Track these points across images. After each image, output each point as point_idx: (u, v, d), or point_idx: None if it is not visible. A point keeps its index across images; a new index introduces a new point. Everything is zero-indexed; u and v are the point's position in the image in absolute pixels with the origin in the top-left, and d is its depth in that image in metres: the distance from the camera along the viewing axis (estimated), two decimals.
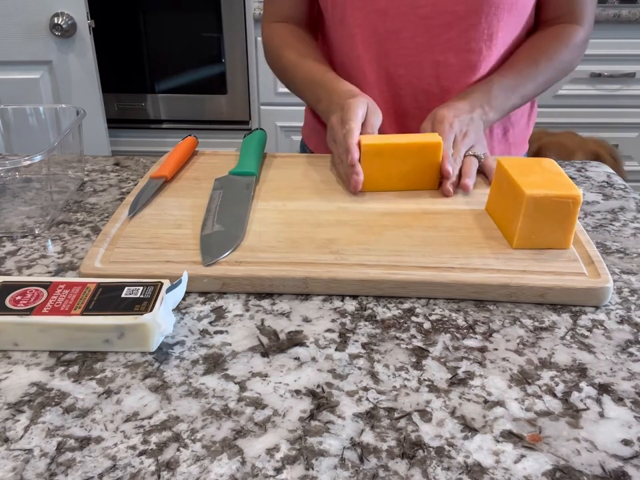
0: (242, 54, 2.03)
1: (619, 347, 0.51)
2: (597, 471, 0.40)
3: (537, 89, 0.86)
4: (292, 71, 0.88)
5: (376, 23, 0.83)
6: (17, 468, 0.39)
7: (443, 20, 0.81)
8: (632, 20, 1.88)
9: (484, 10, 0.80)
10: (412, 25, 0.82)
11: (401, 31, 0.82)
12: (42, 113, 0.85)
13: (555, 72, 0.86)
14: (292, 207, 0.69)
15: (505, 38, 0.84)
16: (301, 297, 0.57)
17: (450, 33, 0.82)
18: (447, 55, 0.83)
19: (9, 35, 1.72)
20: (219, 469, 0.39)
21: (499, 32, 0.82)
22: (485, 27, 0.81)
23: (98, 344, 0.49)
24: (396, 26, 0.82)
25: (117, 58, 2.06)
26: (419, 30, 0.82)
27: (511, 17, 0.82)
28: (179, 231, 0.63)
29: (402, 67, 0.85)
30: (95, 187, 0.80)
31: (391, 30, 0.83)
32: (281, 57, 0.90)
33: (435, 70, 0.84)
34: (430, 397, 0.45)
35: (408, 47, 0.83)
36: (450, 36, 0.82)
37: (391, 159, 0.71)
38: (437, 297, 0.57)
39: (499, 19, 0.81)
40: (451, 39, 0.82)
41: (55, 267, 0.61)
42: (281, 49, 0.90)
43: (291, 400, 0.45)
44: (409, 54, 0.84)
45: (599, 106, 2.03)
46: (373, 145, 0.70)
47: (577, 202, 0.58)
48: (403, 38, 0.83)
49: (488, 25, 0.81)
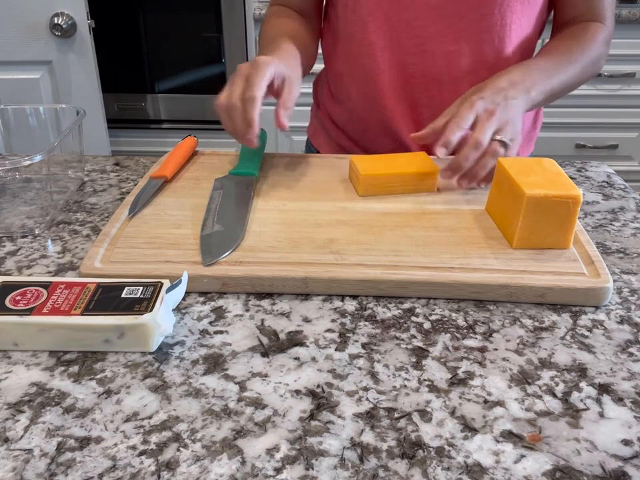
0: (242, 54, 2.03)
1: (619, 346, 0.51)
2: (596, 471, 0.40)
3: (574, 77, 0.82)
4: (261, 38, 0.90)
5: (389, 12, 0.83)
6: (17, 468, 0.39)
7: (455, 9, 0.81)
8: (632, 20, 1.88)
9: (497, 0, 0.80)
10: (424, 14, 0.82)
11: (414, 19, 0.83)
12: (42, 113, 0.84)
13: (586, 65, 0.83)
14: (292, 207, 0.69)
15: (518, 32, 0.84)
16: (301, 296, 0.57)
17: (462, 22, 0.82)
18: (459, 45, 0.83)
19: (8, 35, 1.72)
20: (218, 469, 0.39)
21: (512, 24, 0.82)
22: (498, 18, 0.81)
23: (98, 344, 0.49)
24: (409, 15, 0.83)
25: (117, 58, 2.06)
26: (432, 19, 0.82)
27: (524, 9, 0.82)
28: (179, 231, 0.63)
29: (414, 55, 0.85)
30: (95, 187, 0.80)
31: (403, 18, 0.83)
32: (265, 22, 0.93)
33: (446, 59, 0.84)
34: (430, 397, 0.45)
35: (420, 35, 0.83)
36: (462, 26, 0.82)
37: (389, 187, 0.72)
38: (436, 297, 0.57)
39: (512, 11, 0.81)
40: (463, 28, 0.82)
41: (55, 267, 0.61)
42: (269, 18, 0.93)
43: (291, 400, 0.45)
44: (421, 43, 0.84)
45: (599, 106, 2.03)
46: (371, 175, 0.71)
47: (577, 202, 0.58)
48: (416, 27, 0.83)
49: (501, 15, 0.81)
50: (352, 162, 0.74)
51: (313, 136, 1.03)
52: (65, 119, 0.84)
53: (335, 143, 0.98)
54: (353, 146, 0.96)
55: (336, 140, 0.98)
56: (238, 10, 1.97)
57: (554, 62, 0.80)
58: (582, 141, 2.09)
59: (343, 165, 0.79)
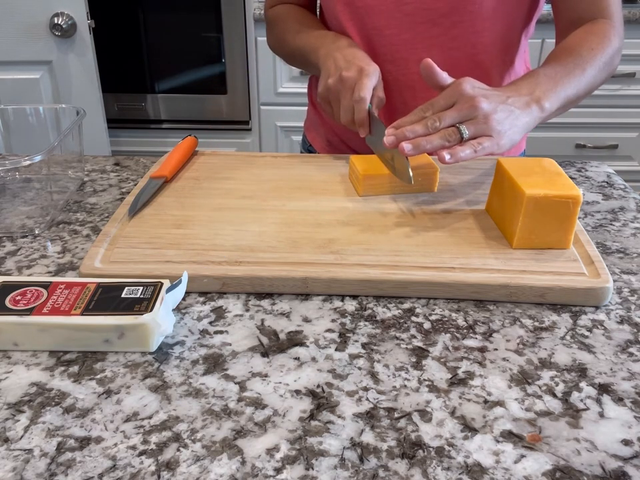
0: (242, 54, 2.03)
1: (619, 346, 0.51)
2: (596, 471, 0.40)
3: (587, 81, 0.76)
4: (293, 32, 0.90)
5: (363, 19, 0.84)
6: (17, 468, 0.39)
7: (426, 17, 0.81)
8: (632, 20, 1.88)
9: (467, 8, 0.79)
10: (397, 22, 0.82)
11: (387, 27, 0.83)
12: (42, 113, 0.85)
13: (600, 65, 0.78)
14: (292, 206, 0.69)
15: (492, 36, 0.83)
16: (301, 296, 0.57)
17: (433, 30, 0.82)
18: (431, 52, 0.83)
19: (8, 34, 1.72)
20: (218, 469, 0.39)
21: (484, 31, 0.82)
22: (469, 25, 0.81)
23: (98, 344, 0.49)
24: (382, 22, 0.83)
25: (116, 58, 2.06)
26: (404, 27, 0.83)
27: (497, 14, 0.81)
28: (178, 231, 0.63)
29: (389, 63, 0.85)
30: (94, 187, 0.80)
31: (377, 26, 0.84)
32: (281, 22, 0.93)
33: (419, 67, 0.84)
34: (430, 397, 0.45)
35: (394, 43, 0.84)
36: (433, 33, 0.82)
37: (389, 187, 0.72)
38: (437, 297, 0.57)
39: (483, 18, 0.81)
40: (434, 36, 0.82)
41: (55, 267, 0.61)
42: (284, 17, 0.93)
43: (291, 400, 0.45)
44: (395, 50, 0.84)
45: (599, 106, 2.03)
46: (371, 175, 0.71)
47: (577, 202, 0.58)
48: (389, 35, 0.84)
49: (472, 22, 0.81)
50: (352, 162, 0.74)
51: (307, 130, 1.06)
52: (65, 118, 0.84)
53: (324, 138, 1.01)
54: (340, 142, 0.98)
55: (325, 136, 1.00)
56: (238, 10, 1.97)
57: (564, 68, 0.75)
58: (582, 140, 2.09)
59: (342, 165, 0.79)
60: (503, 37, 0.85)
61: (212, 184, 0.74)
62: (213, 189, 0.73)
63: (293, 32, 0.90)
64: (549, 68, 0.75)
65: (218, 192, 0.72)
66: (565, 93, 0.73)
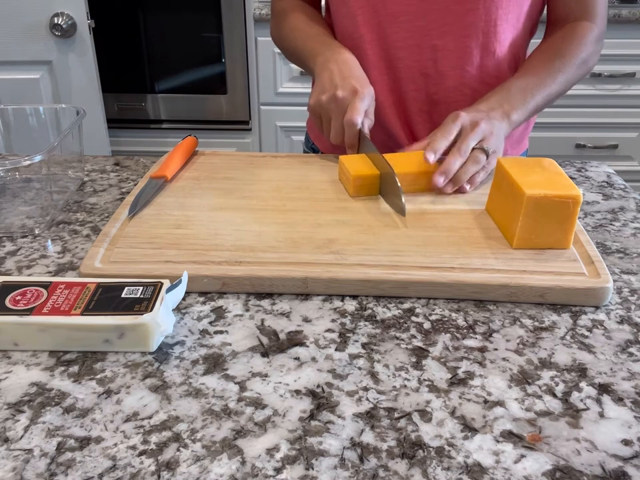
0: (242, 54, 2.03)
1: (619, 346, 0.51)
2: (596, 471, 0.40)
3: (559, 87, 0.84)
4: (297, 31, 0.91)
5: (377, 5, 0.84)
6: (17, 468, 0.39)
7: (441, 3, 0.82)
8: (632, 20, 1.88)
9: None
10: (411, 8, 0.83)
11: (401, 13, 0.83)
12: (42, 113, 0.85)
13: (573, 69, 0.84)
14: (292, 206, 0.69)
15: (505, 28, 0.84)
16: (301, 297, 0.57)
17: (448, 17, 0.82)
18: (445, 39, 0.84)
19: (9, 35, 1.72)
20: (218, 469, 0.39)
21: (497, 20, 0.83)
22: (483, 13, 0.82)
23: (98, 344, 0.49)
24: (396, 8, 0.83)
25: (117, 58, 2.06)
26: (418, 13, 0.83)
27: (510, 6, 0.83)
28: (179, 231, 0.63)
29: (402, 49, 0.86)
30: (95, 187, 0.80)
31: (390, 12, 0.84)
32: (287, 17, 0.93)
33: (432, 53, 0.85)
34: (430, 397, 0.45)
35: (407, 29, 0.84)
36: (447, 20, 0.83)
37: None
38: (437, 297, 0.57)
39: (497, 6, 0.82)
40: (449, 23, 0.83)
41: (55, 267, 0.61)
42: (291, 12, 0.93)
43: (291, 400, 0.45)
44: (408, 37, 0.85)
45: (599, 106, 2.03)
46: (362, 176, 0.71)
47: (577, 202, 0.58)
48: (403, 21, 0.84)
49: (486, 10, 0.82)
50: (341, 162, 0.74)
51: (310, 129, 1.06)
52: (65, 118, 0.84)
53: None
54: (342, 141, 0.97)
55: None
56: (238, 10, 1.97)
57: (535, 77, 0.82)
58: (582, 141, 2.09)
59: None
60: (515, 29, 0.86)
61: (212, 184, 0.74)
62: (213, 189, 0.73)
63: (296, 30, 0.91)
64: (521, 80, 0.82)
65: (218, 192, 0.72)
66: (534, 103, 0.81)
